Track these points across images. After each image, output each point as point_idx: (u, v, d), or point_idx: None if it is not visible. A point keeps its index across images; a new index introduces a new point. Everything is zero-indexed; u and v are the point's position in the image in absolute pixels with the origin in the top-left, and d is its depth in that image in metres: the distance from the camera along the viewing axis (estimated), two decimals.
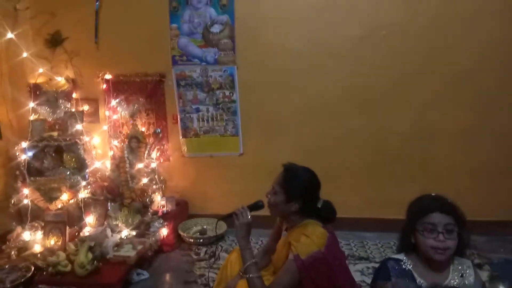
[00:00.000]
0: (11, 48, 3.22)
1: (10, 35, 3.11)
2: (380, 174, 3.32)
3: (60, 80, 3.42)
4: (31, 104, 3.24)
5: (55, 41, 3.44)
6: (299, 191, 1.77)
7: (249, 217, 1.86)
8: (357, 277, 2.55)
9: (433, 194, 1.58)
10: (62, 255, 2.56)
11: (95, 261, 2.51)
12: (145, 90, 3.44)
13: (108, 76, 3.45)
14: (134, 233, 2.95)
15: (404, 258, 1.58)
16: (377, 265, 2.65)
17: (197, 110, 3.46)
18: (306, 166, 1.87)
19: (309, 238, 1.68)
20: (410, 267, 1.54)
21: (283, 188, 1.80)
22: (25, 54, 3.24)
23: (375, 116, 3.24)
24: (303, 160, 1.92)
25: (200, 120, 3.47)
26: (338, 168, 3.33)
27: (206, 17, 3.28)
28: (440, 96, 3.14)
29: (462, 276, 1.51)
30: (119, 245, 2.77)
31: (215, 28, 3.28)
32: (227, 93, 3.38)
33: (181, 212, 3.47)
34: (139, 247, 2.77)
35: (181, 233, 3.26)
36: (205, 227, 3.42)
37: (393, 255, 1.64)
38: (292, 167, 1.86)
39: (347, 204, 3.12)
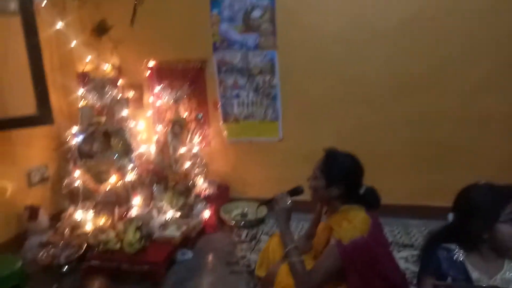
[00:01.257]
0: (60, 38, 3.35)
1: (59, 25, 3.25)
2: (425, 160, 3.20)
3: (107, 67, 3.55)
4: (80, 91, 3.39)
5: (101, 30, 3.54)
6: (339, 176, 1.76)
7: (289, 202, 1.88)
8: (401, 264, 2.49)
9: (483, 182, 1.50)
10: (112, 233, 2.70)
11: (143, 240, 2.63)
12: (187, 76, 3.49)
13: (151, 63, 3.54)
14: (178, 214, 3.06)
15: (456, 247, 1.50)
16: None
17: (237, 96, 3.48)
18: (348, 152, 1.84)
19: (351, 223, 1.66)
20: (462, 257, 1.48)
21: (324, 173, 1.79)
22: (73, 43, 3.38)
23: (420, 101, 3.11)
24: (344, 146, 1.89)
25: (240, 105, 3.49)
26: (382, 154, 3.24)
27: (246, 3, 3.25)
28: (491, 80, 2.95)
29: None
30: (164, 225, 2.88)
31: (256, 13, 3.25)
32: (267, 78, 3.37)
33: (222, 195, 3.54)
34: (184, 228, 2.87)
35: (223, 216, 3.34)
36: (246, 210, 3.47)
37: (443, 244, 1.54)
38: (333, 152, 1.84)
39: (391, 190, 3.04)
